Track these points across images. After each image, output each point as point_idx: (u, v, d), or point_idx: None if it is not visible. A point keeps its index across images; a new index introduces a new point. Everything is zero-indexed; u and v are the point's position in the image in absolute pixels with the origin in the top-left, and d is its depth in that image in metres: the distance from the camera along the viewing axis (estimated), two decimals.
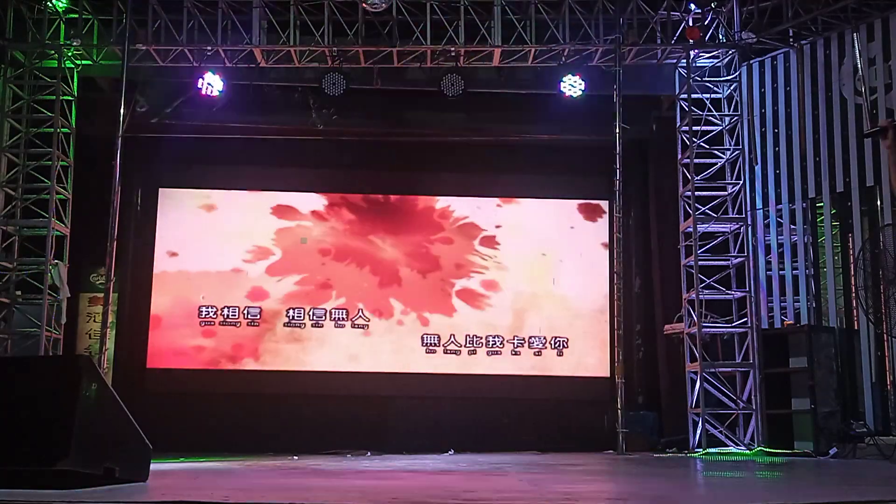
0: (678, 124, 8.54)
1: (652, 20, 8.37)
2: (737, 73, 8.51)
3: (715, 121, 8.46)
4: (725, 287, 8.26)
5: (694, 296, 8.08)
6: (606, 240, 9.43)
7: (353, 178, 9.64)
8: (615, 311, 8.44)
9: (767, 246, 8.41)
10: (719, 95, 8.52)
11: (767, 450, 7.50)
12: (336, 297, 9.49)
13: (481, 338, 9.52)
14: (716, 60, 8.53)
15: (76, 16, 8.33)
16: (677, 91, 8.63)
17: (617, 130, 8.15)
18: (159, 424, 5.64)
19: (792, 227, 8.26)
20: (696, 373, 7.98)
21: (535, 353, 9.51)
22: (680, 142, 8.50)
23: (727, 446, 7.81)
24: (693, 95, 8.39)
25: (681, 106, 8.55)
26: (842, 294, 8.11)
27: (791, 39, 8.34)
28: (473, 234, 9.72)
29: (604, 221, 9.62)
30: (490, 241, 9.72)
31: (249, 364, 9.36)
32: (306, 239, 9.57)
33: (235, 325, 9.40)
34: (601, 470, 5.28)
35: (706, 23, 8.43)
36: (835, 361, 7.50)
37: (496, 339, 9.51)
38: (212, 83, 8.39)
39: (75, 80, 8.56)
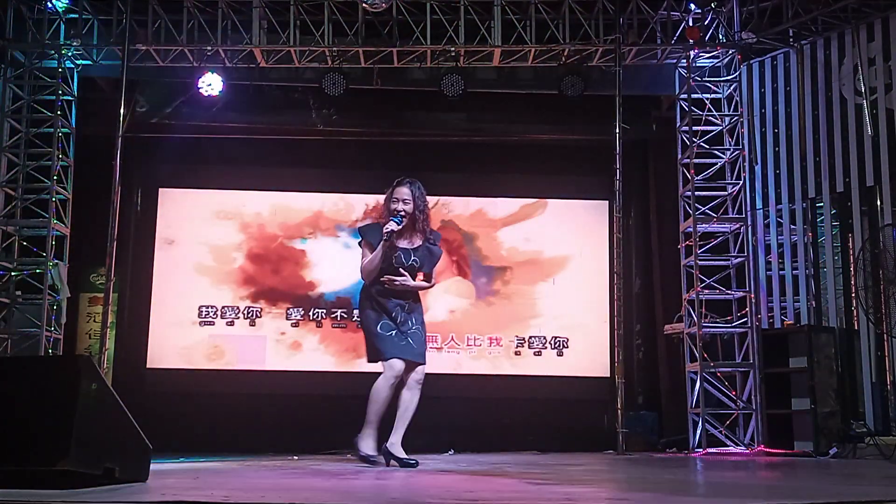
0: (678, 124, 8.55)
1: (652, 20, 8.37)
2: (737, 73, 8.51)
3: (715, 121, 8.46)
4: (725, 287, 8.26)
5: (694, 296, 8.08)
6: (606, 240, 9.43)
7: (353, 178, 9.63)
8: (615, 311, 8.43)
9: (767, 246, 8.42)
10: (719, 95, 8.52)
11: (767, 450, 7.50)
12: (336, 296, 9.49)
13: (482, 338, 9.52)
14: (716, 60, 8.53)
15: (76, 16, 8.33)
16: (677, 91, 8.63)
17: (617, 130, 8.14)
18: (159, 424, 5.63)
19: (792, 227, 8.26)
20: (696, 373, 7.98)
21: (535, 353, 9.51)
22: (680, 142, 8.50)
23: (727, 446, 7.82)
24: (693, 95, 8.40)
25: (681, 106, 8.55)
26: (842, 294, 8.11)
27: (791, 39, 8.34)
28: (473, 235, 9.72)
29: (604, 221, 9.62)
30: (489, 241, 9.72)
31: (249, 364, 9.35)
32: (306, 239, 9.57)
33: (235, 325, 9.40)
34: (601, 470, 5.28)
35: (706, 23, 8.43)
36: (835, 361, 7.49)
37: (496, 339, 9.52)
38: (212, 83, 8.39)
39: (75, 80, 8.57)
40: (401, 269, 5.35)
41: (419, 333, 5.41)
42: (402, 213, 5.28)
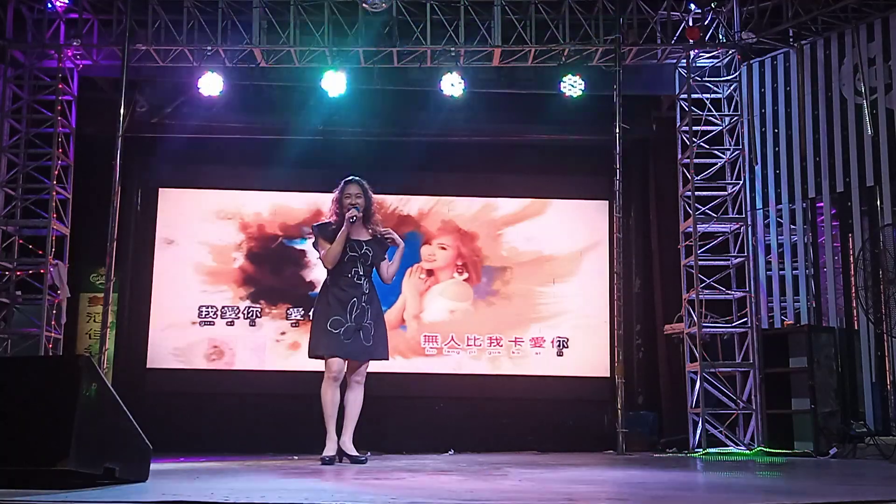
0: (678, 124, 8.54)
1: (652, 20, 8.37)
2: (737, 73, 8.51)
3: (715, 121, 8.46)
4: (725, 287, 8.26)
5: (694, 296, 8.08)
6: (606, 240, 9.43)
7: None
8: (615, 311, 8.43)
9: (767, 246, 8.41)
10: (719, 95, 8.52)
11: (767, 450, 7.50)
12: None
13: (482, 338, 9.52)
14: (716, 60, 8.53)
15: (76, 16, 8.33)
16: (677, 91, 8.63)
17: (617, 130, 8.14)
18: (159, 424, 5.65)
19: (792, 227, 8.26)
20: (696, 373, 7.98)
21: (535, 353, 9.52)
22: (680, 142, 8.50)
23: (727, 446, 7.81)
24: (693, 95, 8.40)
25: (681, 106, 8.55)
26: (842, 294, 8.11)
27: (791, 39, 8.33)
28: (473, 235, 9.73)
29: (604, 221, 9.62)
30: (490, 241, 9.73)
31: (249, 364, 9.35)
32: (306, 239, 9.57)
33: (235, 325, 9.40)
34: (601, 470, 5.28)
35: (706, 23, 8.43)
36: (835, 361, 7.49)
37: (496, 339, 9.52)
38: (211, 83, 8.39)
39: (75, 80, 8.56)
40: (357, 259, 5.71)
41: (371, 329, 5.63)
42: (358, 205, 5.73)
